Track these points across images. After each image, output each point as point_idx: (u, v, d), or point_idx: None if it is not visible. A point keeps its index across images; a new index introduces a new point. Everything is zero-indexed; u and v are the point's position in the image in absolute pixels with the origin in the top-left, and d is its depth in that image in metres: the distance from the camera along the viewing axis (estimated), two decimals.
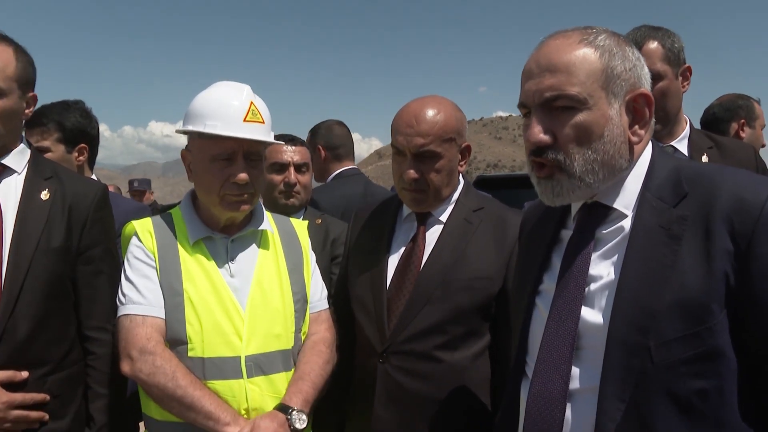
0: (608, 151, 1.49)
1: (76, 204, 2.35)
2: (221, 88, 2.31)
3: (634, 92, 1.51)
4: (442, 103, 2.34)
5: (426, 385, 2.24)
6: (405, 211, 2.46)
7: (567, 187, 1.53)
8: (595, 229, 1.57)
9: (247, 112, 2.24)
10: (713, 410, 1.36)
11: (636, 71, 1.52)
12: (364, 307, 2.39)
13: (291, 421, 2.14)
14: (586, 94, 1.47)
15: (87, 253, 2.36)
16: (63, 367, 2.29)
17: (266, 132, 2.30)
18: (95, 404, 2.34)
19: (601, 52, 1.49)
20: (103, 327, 2.36)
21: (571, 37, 1.52)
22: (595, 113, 1.48)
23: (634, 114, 1.53)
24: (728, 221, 1.36)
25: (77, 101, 3.35)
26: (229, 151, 2.23)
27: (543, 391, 1.53)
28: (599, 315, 1.48)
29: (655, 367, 1.37)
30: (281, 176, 3.18)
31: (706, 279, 1.35)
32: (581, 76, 1.48)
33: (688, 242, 1.39)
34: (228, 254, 2.32)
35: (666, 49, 2.75)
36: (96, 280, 2.38)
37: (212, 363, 2.17)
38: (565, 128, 1.49)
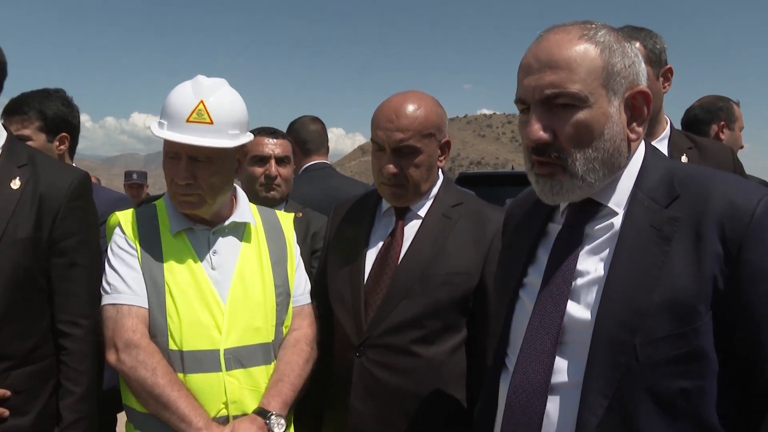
0: (608, 149, 1.49)
1: (49, 193, 2.22)
2: (181, 85, 2.27)
3: (633, 89, 1.51)
4: (422, 98, 2.34)
5: (403, 379, 2.25)
6: (384, 206, 2.47)
7: (567, 187, 1.52)
8: (584, 224, 1.57)
9: (192, 112, 2.19)
10: (694, 410, 1.37)
11: (635, 68, 1.52)
12: (342, 300, 2.40)
13: (270, 425, 2.15)
14: (587, 92, 1.46)
15: (60, 245, 2.23)
16: (29, 362, 2.17)
17: (213, 133, 2.20)
18: (64, 401, 2.22)
19: (602, 48, 1.48)
20: (75, 321, 2.24)
21: (571, 32, 1.50)
22: (596, 111, 1.47)
23: (632, 111, 1.52)
24: (720, 225, 1.37)
25: (58, 90, 3.33)
26: (173, 151, 2.23)
27: (524, 383, 1.54)
28: (585, 311, 1.48)
29: (640, 365, 1.38)
30: (262, 169, 3.17)
31: (694, 281, 1.37)
32: (582, 74, 1.46)
33: (679, 244, 1.40)
34: (209, 246, 2.32)
35: (648, 50, 2.77)
36: (70, 272, 2.25)
37: (191, 356, 2.17)
38: (565, 126, 1.48)
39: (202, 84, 2.23)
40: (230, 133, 2.24)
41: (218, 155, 2.22)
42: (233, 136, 2.25)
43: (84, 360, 2.24)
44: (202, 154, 2.20)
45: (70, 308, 2.25)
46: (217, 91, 2.24)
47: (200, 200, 2.25)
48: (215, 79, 2.29)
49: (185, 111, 2.19)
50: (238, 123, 2.27)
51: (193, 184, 2.22)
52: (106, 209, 3.05)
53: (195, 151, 2.19)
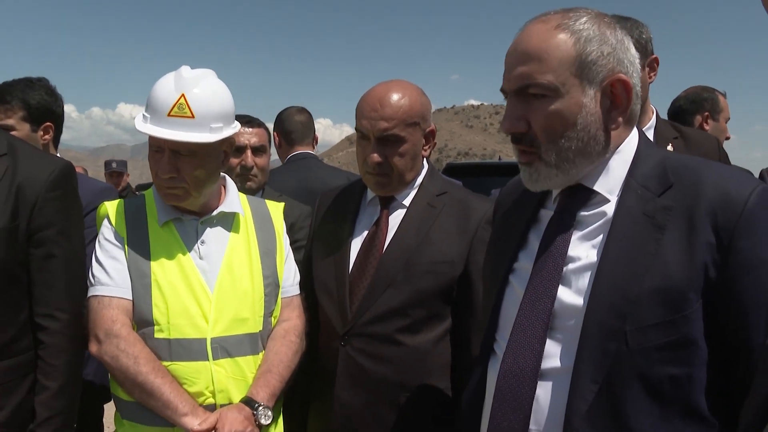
0: (582, 138, 1.49)
1: (27, 183, 2.16)
2: (164, 77, 2.25)
3: (611, 78, 1.49)
4: (406, 87, 2.35)
5: (387, 367, 2.26)
6: (369, 195, 2.47)
7: (544, 174, 1.54)
8: (576, 211, 1.57)
9: (173, 106, 2.17)
10: (683, 397, 1.39)
11: (616, 55, 1.50)
12: (327, 289, 2.41)
13: (257, 416, 2.16)
14: (558, 83, 1.46)
15: (38, 236, 2.18)
16: (5, 356, 2.12)
17: (194, 127, 2.18)
18: (39, 397, 2.17)
19: (576, 38, 1.48)
20: (51, 314, 2.19)
21: (550, 21, 1.51)
22: (568, 101, 1.47)
23: (612, 100, 1.51)
24: (712, 214, 1.39)
25: (41, 78, 3.30)
26: (157, 144, 2.23)
27: (514, 368, 1.54)
28: (577, 296, 1.49)
29: (630, 352, 1.40)
30: (238, 159, 3.14)
31: (686, 269, 1.38)
32: (553, 64, 1.47)
33: (671, 232, 1.42)
34: (197, 236, 2.32)
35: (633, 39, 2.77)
36: (47, 264, 2.20)
37: (178, 344, 2.18)
38: (538, 116, 1.49)
39: (184, 76, 2.21)
40: (212, 126, 2.22)
41: (201, 149, 2.21)
42: (216, 130, 2.23)
43: (60, 354, 2.19)
44: (185, 148, 2.19)
45: (47, 301, 2.19)
46: (199, 84, 2.22)
47: (185, 193, 2.25)
48: (199, 71, 2.27)
49: (166, 105, 2.18)
50: (222, 115, 2.26)
51: (177, 177, 2.22)
52: (92, 199, 3.05)
53: (177, 145, 2.18)
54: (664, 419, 1.39)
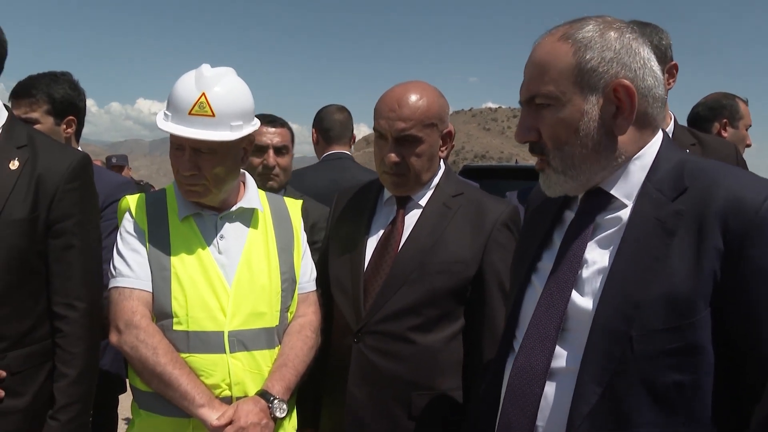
0: (586, 144, 1.51)
1: (47, 175, 2.20)
2: (188, 75, 2.28)
3: (613, 83, 1.49)
4: (425, 88, 2.37)
5: (399, 365, 2.28)
6: (386, 195, 2.50)
7: (554, 180, 1.58)
8: (596, 214, 1.58)
9: (194, 104, 2.21)
10: (687, 404, 1.38)
11: (620, 60, 1.50)
12: (342, 287, 2.43)
13: (272, 409, 2.19)
14: (558, 92, 1.50)
15: (57, 226, 2.21)
16: (25, 344, 2.17)
17: (214, 126, 2.22)
18: (58, 384, 2.21)
19: (576, 47, 1.50)
20: (70, 304, 2.22)
21: (556, 33, 1.55)
22: (569, 109, 1.50)
23: (617, 105, 1.51)
24: (722, 220, 1.37)
25: (65, 73, 3.35)
26: (178, 142, 2.26)
27: (526, 366, 1.57)
28: (588, 300, 1.50)
29: (635, 357, 1.40)
30: (260, 159, 3.15)
31: (694, 275, 1.37)
32: (553, 74, 1.51)
33: (681, 237, 1.41)
34: (217, 231, 2.36)
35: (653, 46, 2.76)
36: (66, 254, 2.23)
37: (196, 336, 2.21)
38: (545, 126, 1.54)
39: (204, 75, 2.25)
40: (232, 124, 2.25)
41: (221, 147, 2.25)
42: (236, 128, 2.26)
43: (78, 343, 2.23)
44: (205, 146, 2.23)
45: (66, 290, 2.23)
46: (219, 82, 2.25)
47: (205, 190, 2.29)
48: (220, 69, 2.30)
49: (187, 103, 2.21)
50: (242, 114, 2.29)
51: (198, 174, 2.26)
52: (111, 192, 3.09)
53: (197, 143, 2.22)
54: (667, 425, 1.39)
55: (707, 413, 1.38)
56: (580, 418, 1.43)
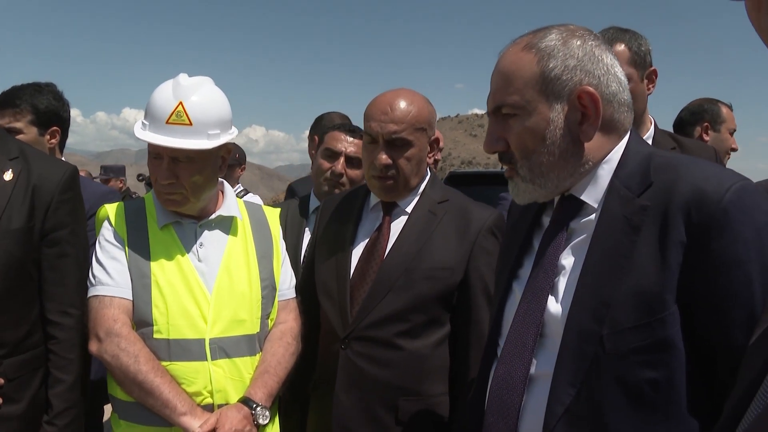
0: (553, 152, 1.52)
1: (41, 185, 2.26)
2: (162, 85, 2.29)
3: (577, 90, 1.50)
4: (414, 95, 2.40)
5: (386, 371, 2.28)
6: (372, 201, 2.51)
7: (522, 189, 1.59)
8: (568, 221, 1.59)
9: (171, 113, 2.21)
10: (662, 400, 1.38)
11: (583, 67, 1.51)
12: (328, 293, 2.43)
13: (255, 416, 2.19)
14: (524, 102, 1.51)
15: (51, 235, 2.28)
16: (20, 351, 2.21)
17: (192, 134, 2.23)
18: (54, 390, 2.27)
19: (540, 56, 1.51)
20: (65, 311, 2.28)
21: (520, 43, 1.56)
22: (536, 118, 1.51)
23: (582, 112, 1.51)
24: (686, 212, 1.36)
25: (49, 84, 3.34)
26: (156, 151, 2.27)
27: (506, 375, 1.57)
28: (561, 304, 1.51)
29: (607, 355, 1.39)
30: (330, 164, 3.09)
31: (660, 270, 1.37)
32: (518, 84, 1.52)
33: (647, 233, 1.40)
34: (196, 239, 2.36)
35: (632, 52, 2.79)
36: (60, 262, 2.30)
37: (177, 344, 2.21)
38: (512, 135, 1.55)
39: (182, 84, 2.25)
40: (210, 133, 2.26)
41: (199, 155, 2.25)
42: (213, 137, 2.27)
43: (73, 349, 2.28)
44: (183, 155, 2.24)
45: (60, 298, 2.28)
46: (197, 91, 2.26)
47: (183, 198, 2.29)
48: (197, 78, 2.31)
49: (165, 112, 2.22)
50: (219, 122, 2.29)
51: (176, 183, 2.26)
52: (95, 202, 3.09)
53: (175, 152, 2.23)
54: (644, 422, 1.38)
55: (683, 408, 1.37)
56: (555, 418, 1.43)
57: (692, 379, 1.38)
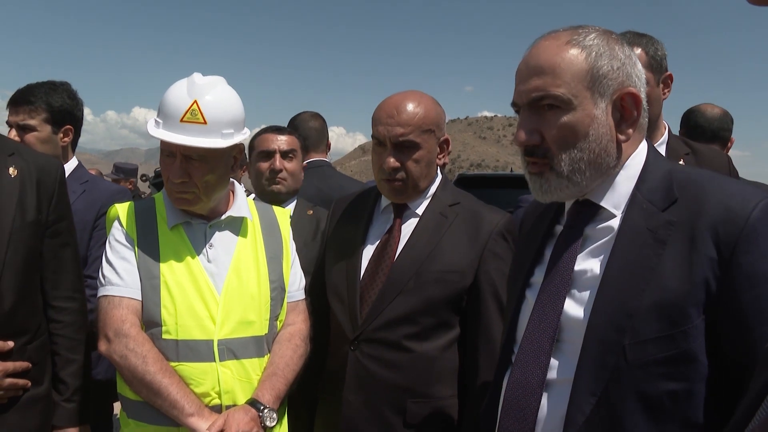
0: (594, 150, 1.51)
1: (43, 178, 2.37)
2: (176, 84, 2.29)
3: (621, 91, 1.52)
4: (422, 96, 2.39)
5: (395, 373, 2.28)
6: (383, 203, 2.50)
7: (555, 185, 1.55)
8: (584, 226, 1.59)
9: (186, 112, 2.21)
10: (681, 412, 1.38)
11: (625, 69, 1.53)
12: (338, 295, 2.43)
13: (262, 418, 2.18)
14: (570, 95, 1.49)
15: (55, 227, 2.39)
16: (38, 336, 2.33)
17: (206, 133, 2.23)
18: (67, 370, 2.41)
19: (587, 52, 1.50)
20: (71, 296, 2.44)
21: (560, 38, 1.54)
22: (580, 113, 1.50)
23: (622, 113, 1.53)
24: (714, 229, 1.38)
25: (63, 82, 3.36)
26: (169, 150, 2.27)
27: (521, 380, 1.56)
28: (580, 310, 1.50)
29: (629, 366, 1.40)
30: (267, 163, 3.19)
31: (686, 284, 1.37)
32: (566, 77, 1.49)
33: (673, 247, 1.41)
34: (206, 240, 2.35)
35: (649, 56, 2.78)
36: (63, 252, 2.43)
37: (186, 345, 2.20)
38: (551, 128, 1.52)
39: (196, 83, 2.25)
40: (224, 132, 2.26)
41: (212, 154, 2.25)
42: (227, 136, 2.27)
43: (81, 330, 2.46)
44: (196, 153, 2.23)
45: (66, 284, 2.44)
46: (211, 91, 2.26)
47: (195, 198, 2.29)
48: (211, 78, 2.30)
49: (179, 111, 2.22)
50: (233, 122, 2.29)
51: (188, 182, 2.26)
52: (106, 200, 3.11)
53: (189, 150, 2.23)
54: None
55: (701, 421, 1.38)
56: (575, 427, 1.43)
57: (713, 393, 1.38)
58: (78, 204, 3.11)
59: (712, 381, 1.38)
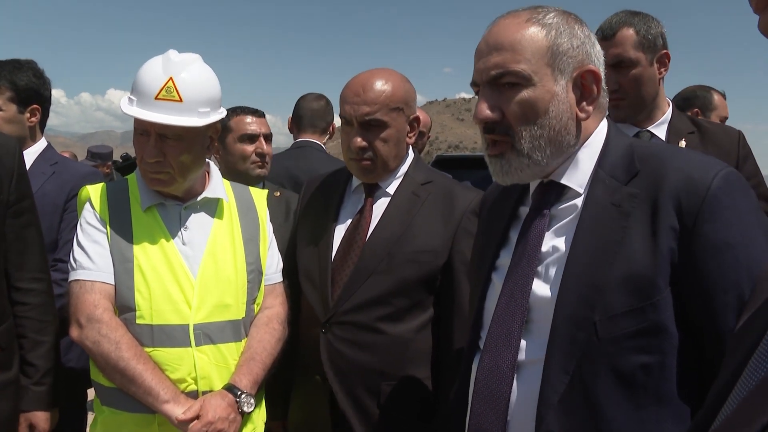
0: (554, 126, 1.51)
1: (4, 158, 2.28)
2: (151, 60, 2.24)
3: (581, 69, 1.52)
4: (390, 74, 2.36)
5: (368, 355, 2.27)
6: (354, 183, 2.47)
7: (516, 165, 1.55)
8: (549, 206, 1.59)
9: (161, 89, 2.15)
10: (655, 384, 1.39)
11: (585, 48, 1.54)
12: (309, 276, 2.41)
13: (240, 403, 2.16)
14: (530, 71, 1.49)
15: (17, 206, 2.32)
16: (4, 320, 2.27)
17: (182, 111, 2.17)
18: (36, 352, 2.35)
19: (548, 30, 1.51)
20: (36, 277, 2.37)
21: (520, 16, 1.55)
22: (540, 90, 1.50)
23: (582, 90, 1.54)
24: (676, 199, 1.39)
25: (29, 60, 3.28)
26: (142, 128, 2.21)
27: (492, 365, 1.55)
28: (548, 288, 1.50)
29: (600, 341, 1.40)
30: (252, 146, 3.16)
31: (652, 255, 1.38)
32: (527, 54, 1.50)
33: (637, 219, 1.42)
34: (181, 222, 2.30)
35: (640, 36, 2.75)
36: (27, 232, 2.36)
37: (161, 330, 2.16)
38: (511, 105, 1.51)
39: (172, 60, 2.20)
40: (200, 111, 2.21)
41: (188, 133, 2.20)
42: (203, 114, 2.22)
43: (49, 311, 2.39)
44: (171, 132, 2.18)
45: (31, 266, 2.37)
46: (187, 68, 2.21)
47: (170, 178, 2.24)
48: (187, 55, 2.25)
49: (154, 88, 2.16)
50: (209, 100, 2.24)
51: (163, 161, 2.20)
52: (77, 182, 3.04)
53: (164, 129, 2.17)
54: (637, 407, 1.39)
55: (675, 393, 1.39)
56: (550, 407, 1.43)
57: (684, 363, 1.39)
58: (48, 186, 3.05)
59: (684, 351, 1.39)
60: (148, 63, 2.24)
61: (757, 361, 0.80)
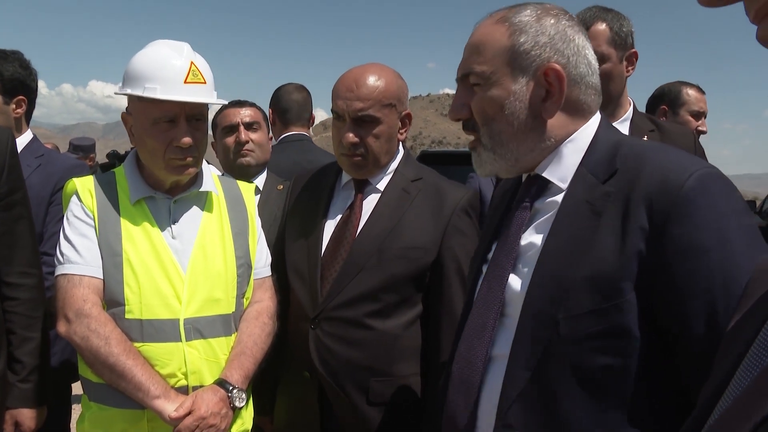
0: (512, 123, 1.53)
1: None
2: (160, 48, 2.24)
3: (544, 67, 1.51)
4: (383, 69, 2.36)
5: (357, 351, 2.26)
6: (344, 179, 2.47)
7: (485, 158, 1.59)
8: (533, 200, 1.59)
9: (188, 72, 2.18)
10: (616, 386, 1.36)
11: (554, 45, 1.52)
12: (299, 272, 2.40)
13: (231, 398, 2.15)
14: (489, 72, 1.53)
15: (7, 199, 2.29)
16: None
17: (208, 92, 2.24)
18: (23, 348, 2.32)
19: (512, 30, 1.53)
20: (26, 272, 2.35)
21: (495, 16, 1.58)
22: (498, 89, 1.52)
23: (547, 89, 1.52)
24: (648, 199, 1.35)
25: (15, 51, 3.25)
26: (171, 114, 2.19)
27: (467, 354, 1.57)
28: (521, 284, 1.51)
29: (562, 340, 1.39)
30: (233, 137, 3.17)
31: (619, 256, 1.35)
32: (488, 55, 1.54)
33: (608, 219, 1.39)
34: (170, 215, 2.29)
35: (613, 32, 2.79)
36: (17, 225, 2.33)
37: (150, 325, 2.15)
38: (473, 103, 1.57)
39: (179, 46, 2.24)
40: (215, 91, 2.30)
41: (205, 116, 2.28)
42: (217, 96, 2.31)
43: (38, 307, 2.36)
44: (200, 113, 2.24)
45: (20, 260, 2.34)
46: (194, 53, 2.26)
47: (195, 162, 2.27)
48: (181, 42, 2.28)
49: (180, 73, 2.18)
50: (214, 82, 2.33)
51: (193, 146, 2.23)
52: (63, 175, 3.02)
53: (194, 109, 2.22)
54: (597, 409, 1.37)
55: (636, 396, 1.36)
56: (510, 401, 1.44)
57: (648, 366, 1.37)
58: (33, 178, 3.03)
59: (647, 355, 1.36)
60: (158, 51, 2.23)
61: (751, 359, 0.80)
